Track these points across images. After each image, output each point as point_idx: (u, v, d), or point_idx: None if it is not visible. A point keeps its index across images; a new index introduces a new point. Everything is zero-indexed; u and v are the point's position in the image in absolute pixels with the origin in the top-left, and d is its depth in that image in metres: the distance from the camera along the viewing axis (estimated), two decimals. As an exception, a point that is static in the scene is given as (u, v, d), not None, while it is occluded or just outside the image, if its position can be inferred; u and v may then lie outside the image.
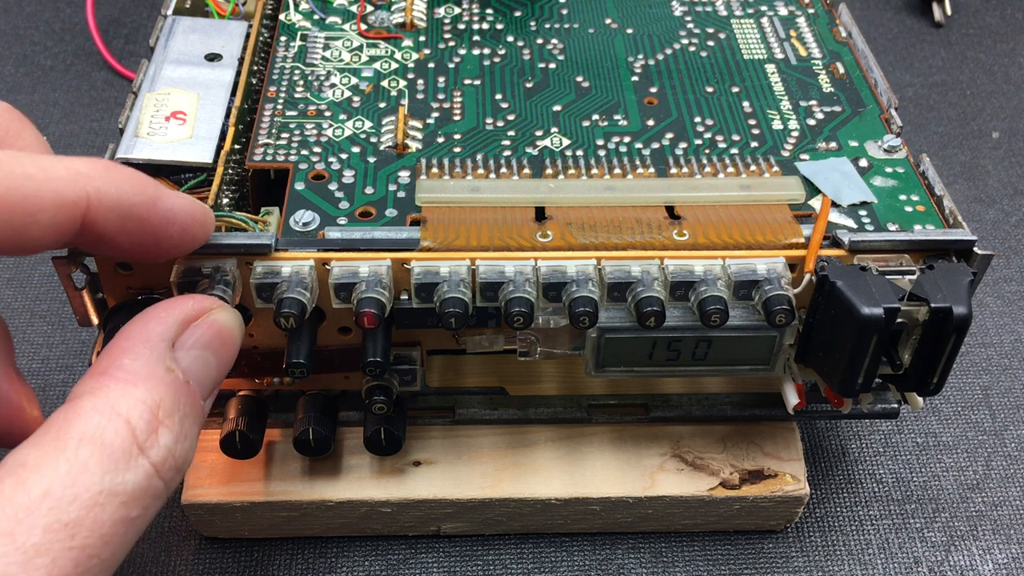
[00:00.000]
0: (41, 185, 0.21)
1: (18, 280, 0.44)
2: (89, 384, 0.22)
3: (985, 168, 0.50)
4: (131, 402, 0.21)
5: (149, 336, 0.23)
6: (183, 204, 0.25)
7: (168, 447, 0.22)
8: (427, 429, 0.35)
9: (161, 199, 0.24)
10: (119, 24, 0.57)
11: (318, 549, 0.35)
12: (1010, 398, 0.40)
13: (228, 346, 0.25)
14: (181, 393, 0.23)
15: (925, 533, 0.36)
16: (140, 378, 0.22)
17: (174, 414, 0.22)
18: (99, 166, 0.23)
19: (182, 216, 0.25)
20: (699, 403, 0.35)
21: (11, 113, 0.26)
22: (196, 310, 0.25)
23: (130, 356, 0.22)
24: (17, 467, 0.20)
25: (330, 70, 0.36)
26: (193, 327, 0.24)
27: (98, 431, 0.21)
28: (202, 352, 0.24)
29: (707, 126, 0.34)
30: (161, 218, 0.24)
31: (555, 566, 0.35)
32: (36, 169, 0.22)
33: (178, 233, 0.25)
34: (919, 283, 0.28)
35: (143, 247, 0.24)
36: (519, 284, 0.28)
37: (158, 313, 0.24)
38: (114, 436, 0.21)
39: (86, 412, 0.21)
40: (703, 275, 0.28)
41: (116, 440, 0.21)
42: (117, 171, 0.23)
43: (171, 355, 0.23)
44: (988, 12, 0.60)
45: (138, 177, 0.24)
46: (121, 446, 0.21)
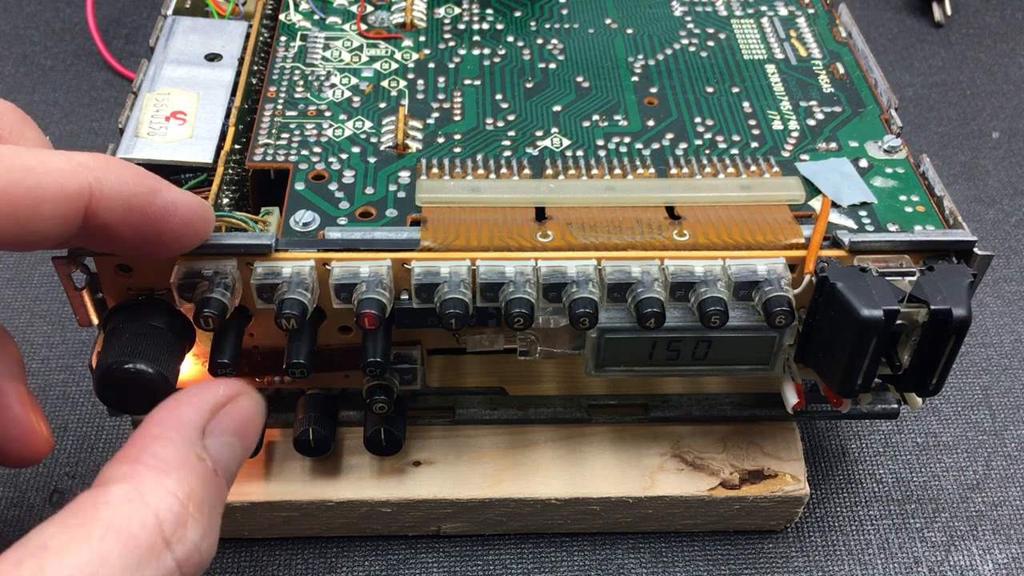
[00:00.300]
0: (43, 177, 0.21)
1: (18, 280, 0.44)
2: (120, 470, 0.21)
3: (985, 168, 0.50)
4: (162, 493, 0.21)
5: (181, 423, 0.23)
6: (184, 198, 0.25)
7: (195, 542, 0.21)
8: (427, 429, 0.35)
9: (161, 191, 0.24)
10: (119, 24, 0.57)
11: (318, 549, 0.35)
12: (1010, 398, 0.40)
13: (253, 432, 0.25)
14: (210, 483, 0.22)
15: (925, 533, 0.36)
16: (172, 467, 0.21)
17: (204, 506, 0.21)
18: (100, 159, 0.23)
19: (183, 209, 0.25)
20: (699, 403, 0.35)
21: (15, 112, 0.26)
22: (226, 396, 0.24)
23: (162, 443, 0.22)
24: (39, 549, 0.19)
25: (330, 70, 0.36)
26: (223, 414, 0.24)
27: (125, 522, 0.20)
28: (230, 439, 0.23)
29: (707, 126, 0.34)
30: (162, 210, 0.24)
31: (555, 566, 0.35)
32: (37, 162, 0.22)
33: (180, 226, 0.25)
34: (919, 284, 0.28)
35: (145, 240, 0.25)
36: (519, 285, 0.28)
37: (190, 399, 0.23)
38: (140, 529, 0.20)
39: (115, 500, 0.20)
40: (703, 276, 0.28)
41: (142, 533, 0.20)
42: (117, 164, 0.23)
43: (202, 443, 0.23)
44: (988, 12, 0.60)
45: (138, 170, 0.24)
46: (147, 540, 0.20)
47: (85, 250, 0.28)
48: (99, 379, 0.27)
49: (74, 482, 0.37)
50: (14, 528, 0.35)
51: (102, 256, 0.28)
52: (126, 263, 0.28)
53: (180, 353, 0.29)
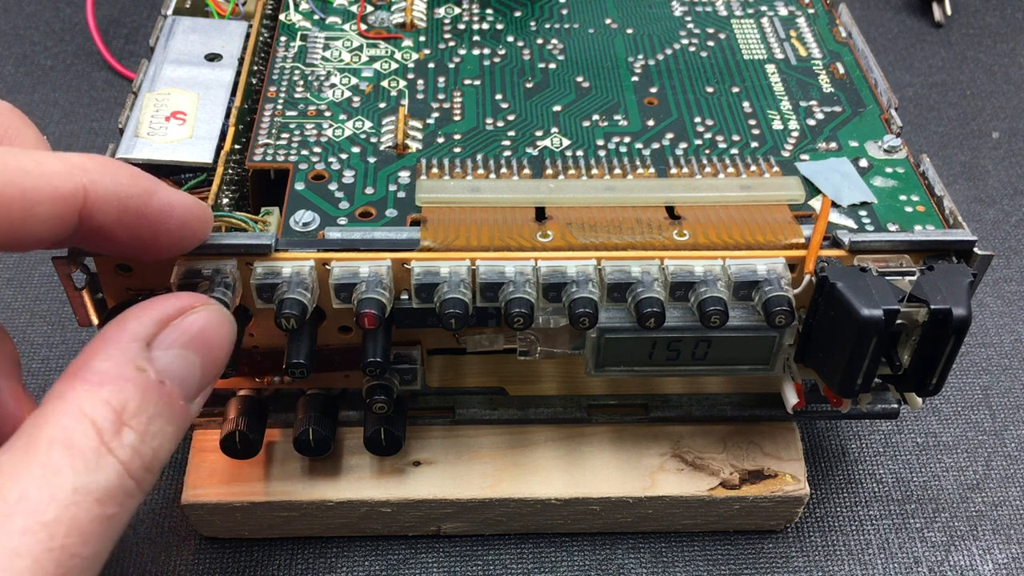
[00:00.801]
0: (38, 179, 0.21)
1: (18, 280, 0.44)
2: (59, 388, 0.22)
3: (985, 168, 0.50)
4: (96, 403, 0.21)
5: (122, 336, 0.23)
6: (181, 199, 0.25)
7: (133, 446, 0.21)
8: (427, 429, 0.35)
9: (158, 192, 0.24)
10: (119, 24, 0.57)
11: (318, 549, 0.35)
12: (1010, 398, 0.40)
13: (215, 344, 0.24)
14: (151, 393, 0.22)
15: (925, 533, 0.36)
16: (108, 379, 0.22)
17: (140, 414, 0.22)
18: (95, 160, 0.23)
19: (180, 210, 0.25)
20: (699, 403, 0.35)
21: (12, 113, 0.26)
22: (177, 308, 0.24)
23: (101, 357, 0.22)
24: None
25: (330, 70, 0.36)
26: (173, 325, 0.24)
27: (67, 433, 0.21)
28: (182, 351, 0.24)
29: (707, 126, 0.34)
30: (158, 211, 0.24)
31: (555, 566, 0.35)
32: (32, 163, 0.22)
33: (176, 227, 0.25)
34: (919, 284, 0.28)
35: (142, 241, 0.24)
36: (519, 285, 0.28)
37: (136, 311, 0.24)
38: (82, 437, 0.21)
39: (55, 415, 0.21)
40: (703, 275, 0.28)
41: (84, 441, 0.21)
42: (113, 165, 0.23)
43: (144, 355, 0.23)
44: (988, 12, 0.60)
45: (134, 171, 0.24)
46: (89, 447, 0.21)
47: (85, 250, 0.28)
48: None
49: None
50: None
51: (102, 256, 0.28)
52: (126, 263, 0.28)
53: (180, 353, 0.29)
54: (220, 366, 0.25)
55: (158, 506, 0.36)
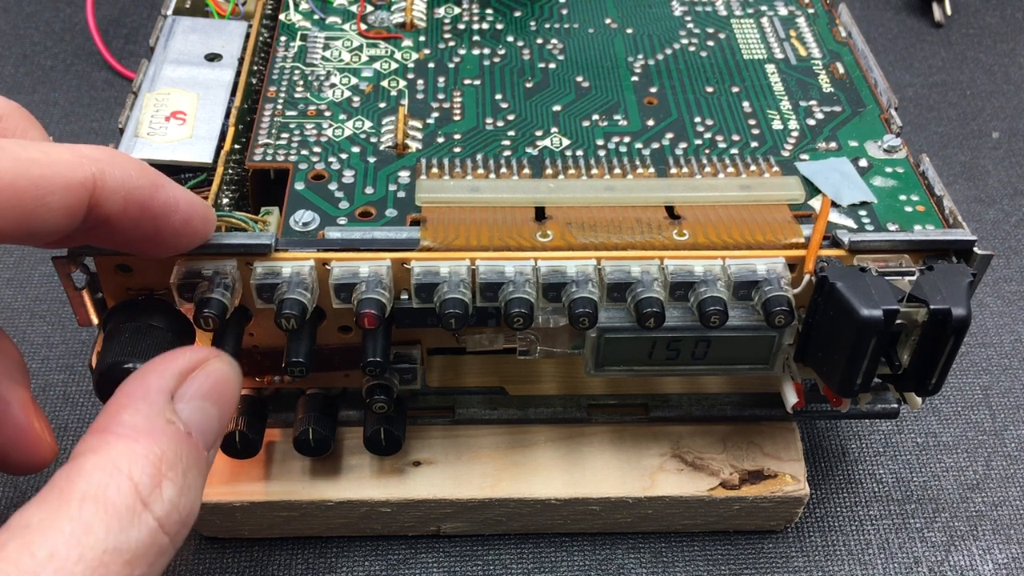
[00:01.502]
0: (48, 168, 0.22)
1: (18, 280, 0.44)
2: (90, 442, 0.22)
3: (985, 168, 0.50)
4: (133, 458, 0.21)
5: (148, 390, 0.23)
6: (186, 196, 0.25)
7: (172, 500, 0.21)
8: (427, 429, 0.35)
9: (164, 187, 0.24)
10: (119, 24, 0.57)
11: (318, 549, 0.35)
12: (1010, 398, 0.40)
13: (228, 395, 0.25)
14: (183, 445, 0.22)
15: (925, 533, 0.36)
16: (141, 433, 0.22)
17: (177, 466, 0.22)
18: (104, 151, 0.23)
19: (184, 207, 0.25)
20: (699, 403, 0.35)
21: (20, 112, 0.26)
22: (193, 361, 0.24)
23: (130, 412, 0.22)
24: (22, 529, 0.20)
25: (330, 70, 0.36)
26: (191, 378, 0.24)
27: (101, 489, 0.20)
28: (202, 403, 0.24)
29: (707, 126, 0.34)
30: (163, 205, 0.24)
31: (555, 566, 0.35)
32: (42, 154, 0.22)
33: (180, 223, 0.25)
34: (918, 284, 0.28)
35: (144, 235, 0.25)
36: (519, 284, 0.28)
37: (155, 367, 0.24)
38: (116, 494, 0.20)
39: (88, 471, 0.21)
40: (703, 275, 0.28)
41: (119, 498, 0.20)
42: (122, 156, 0.24)
43: (171, 407, 0.23)
44: (988, 12, 0.60)
45: (143, 164, 0.24)
46: (124, 503, 0.20)
47: (85, 250, 0.28)
48: (99, 379, 0.27)
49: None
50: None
51: (102, 256, 0.28)
52: (126, 263, 0.28)
53: (180, 353, 0.29)
54: (231, 414, 0.25)
55: (158, 506, 0.36)
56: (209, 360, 0.25)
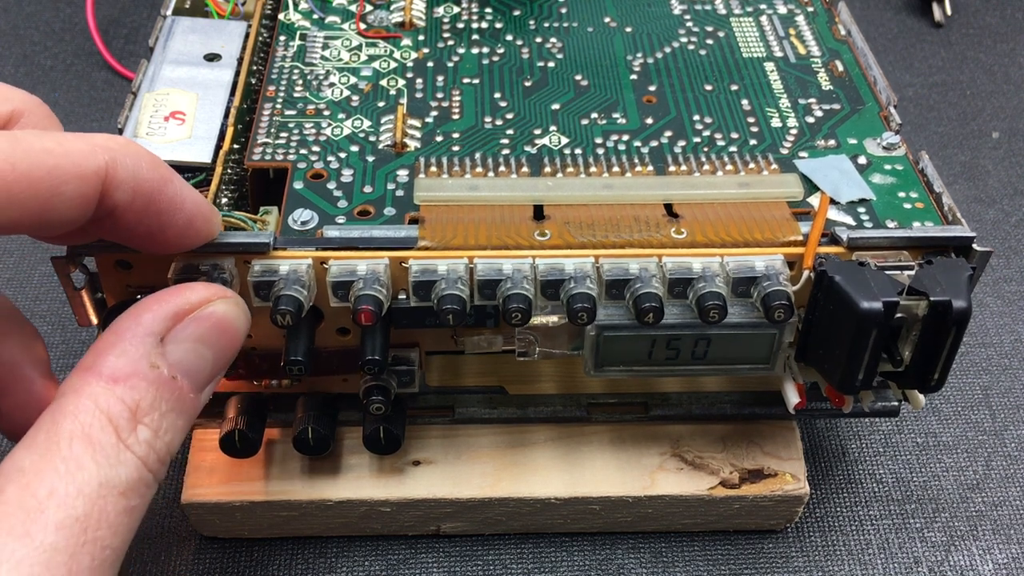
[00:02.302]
0: (63, 158, 0.22)
1: (18, 280, 0.44)
2: (74, 381, 0.22)
3: (985, 168, 0.50)
4: (111, 400, 0.22)
5: (137, 331, 0.23)
6: (193, 195, 0.25)
7: (148, 442, 0.22)
8: (426, 429, 0.35)
9: (172, 183, 0.24)
10: (119, 24, 0.58)
11: (318, 549, 0.35)
12: (1010, 398, 0.40)
13: (228, 338, 0.25)
14: (164, 389, 0.23)
15: (925, 533, 0.36)
16: (122, 376, 0.22)
17: (153, 412, 0.22)
18: (118, 140, 0.23)
19: (190, 205, 0.25)
20: (699, 402, 0.35)
21: (41, 109, 0.27)
22: (192, 302, 0.24)
23: (115, 353, 0.23)
24: (16, 472, 0.20)
25: (329, 69, 0.36)
26: (188, 320, 0.24)
27: (86, 428, 0.21)
28: (195, 345, 0.24)
29: (706, 124, 0.34)
30: (169, 200, 0.24)
31: (555, 566, 0.35)
32: (56, 143, 0.22)
33: (183, 221, 0.25)
34: (918, 277, 0.28)
35: (148, 229, 0.25)
36: (517, 281, 0.28)
37: (152, 304, 0.24)
38: (100, 432, 0.21)
39: (72, 411, 0.21)
40: (701, 272, 0.28)
41: (103, 436, 0.21)
42: (135, 147, 0.24)
43: (158, 350, 0.23)
44: (988, 12, 0.60)
45: (155, 158, 0.24)
46: (108, 441, 0.21)
47: (84, 250, 0.28)
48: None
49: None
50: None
51: (102, 253, 0.28)
52: (126, 259, 0.28)
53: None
54: (231, 357, 0.25)
55: (158, 506, 0.36)
56: (211, 300, 0.25)
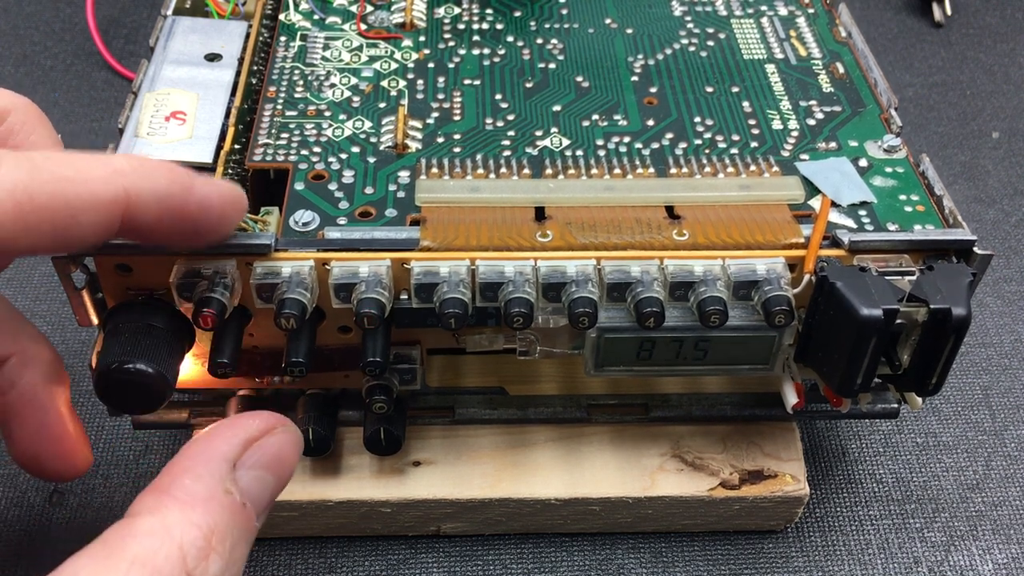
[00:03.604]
0: (81, 187, 0.22)
1: (18, 280, 0.44)
2: (148, 502, 0.22)
3: (985, 168, 0.50)
4: (186, 526, 0.21)
5: (212, 456, 0.23)
6: (218, 190, 0.25)
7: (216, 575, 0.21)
8: (427, 429, 0.35)
9: (195, 188, 0.25)
10: (119, 24, 0.57)
11: (318, 549, 0.35)
12: (1010, 398, 0.40)
13: (287, 466, 0.25)
14: (237, 517, 0.22)
15: (925, 533, 0.36)
16: (199, 501, 0.22)
17: (226, 540, 0.22)
18: (134, 162, 0.23)
19: (217, 202, 0.25)
20: (699, 403, 0.35)
21: (31, 109, 0.26)
22: (261, 429, 0.24)
23: (192, 477, 0.22)
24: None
25: (330, 70, 0.36)
26: (255, 447, 0.24)
27: (151, 554, 0.20)
28: (262, 473, 0.24)
29: (707, 126, 0.34)
30: (197, 206, 0.25)
31: (555, 566, 0.35)
32: (74, 172, 0.22)
33: (216, 219, 0.25)
34: (918, 284, 0.28)
35: (182, 234, 0.25)
36: (519, 284, 0.28)
37: (223, 432, 0.24)
38: (165, 562, 0.20)
39: (142, 533, 0.21)
40: (703, 275, 0.28)
41: (166, 566, 0.20)
42: (151, 165, 0.24)
43: (232, 477, 0.23)
44: (988, 12, 0.60)
45: (172, 170, 0.24)
46: (170, 572, 0.20)
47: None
48: (99, 379, 0.27)
49: (74, 482, 0.37)
50: (14, 528, 0.35)
51: (102, 255, 0.28)
52: (126, 263, 0.28)
53: (180, 353, 0.29)
54: (286, 484, 0.25)
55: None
56: (276, 428, 0.25)
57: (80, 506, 0.36)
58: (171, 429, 0.36)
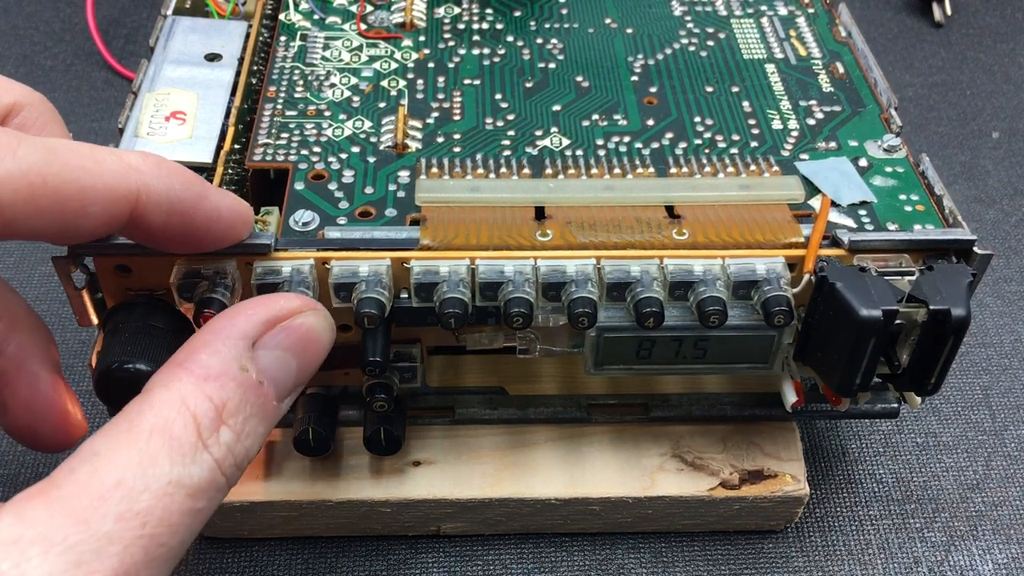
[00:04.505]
0: (95, 178, 0.22)
1: (18, 280, 0.44)
2: (164, 375, 0.22)
3: (985, 168, 0.50)
4: (199, 398, 0.22)
5: (231, 333, 0.23)
6: (227, 202, 0.26)
7: (228, 445, 0.22)
8: (427, 429, 0.35)
9: (207, 197, 0.25)
10: (119, 24, 0.57)
11: (318, 549, 0.35)
12: (1010, 398, 0.40)
13: (313, 350, 0.25)
14: (250, 393, 0.23)
15: (925, 533, 0.36)
16: (213, 374, 0.22)
17: (238, 414, 0.22)
18: (150, 161, 0.23)
19: (227, 215, 0.26)
20: (699, 403, 0.35)
21: (44, 105, 0.27)
22: (285, 310, 0.25)
23: (208, 351, 0.23)
24: (91, 456, 0.20)
25: (330, 70, 0.36)
26: (279, 328, 0.24)
27: (167, 423, 0.21)
28: (283, 354, 0.24)
29: (707, 126, 0.34)
30: (205, 216, 0.25)
31: (555, 566, 0.35)
32: (91, 162, 0.22)
33: (222, 230, 0.26)
34: (918, 284, 0.28)
35: (185, 240, 0.25)
36: (518, 284, 0.28)
37: (247, 309, 0.24)
38: (182, 430, 0.21)
39: (157, 404, 0.21)
40: (702, 275, 0.28)
41: (184, 434, 0.21)
42: (167, 167, 0.24)
43: (249, 354, 0.23)
44: (988, 12, 0.60)
45: (187, 175, 0.24)
46: (188, 439, 0.21)
47: (85, 250, 0.28)
48: (99, 379, 0.27)
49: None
50: (14, 528, 0.35)
51: (102, 256, 0.28)
52: (125, 263, 0.28)
53: (180, 353, 0.29)
54: (315, 369, 0.26)
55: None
56: (303, 311, 0.25)
57: (80, 506, 0.36)
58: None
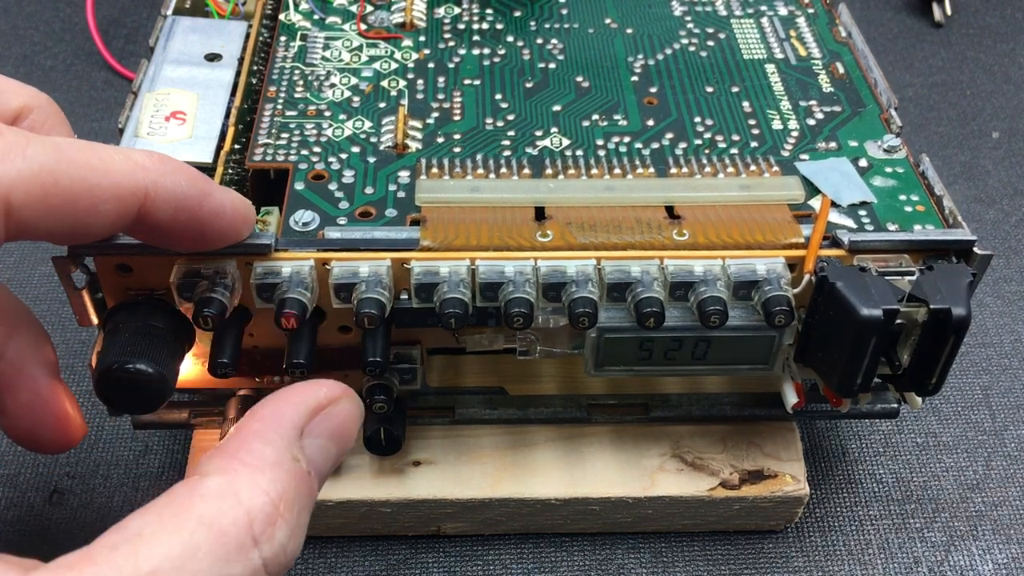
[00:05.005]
0: (104, 177, 0.22)
1: (18, 280, 0.44)
2: (218, 463, 0.21)
3: (985, 168, 0.50)
4: (255, 491, 0.21)
5: (282, 422, 0.23)
6: (231, 201, 0.26)
7: (282, 543, 0.21)
8: (427, 429, 0.35)
9: (212, 195, 0.25)
10: (119, 24, 0.57)
11: (318, 549, 0.35)
12: (1010, 398, 0.40)
13: (349, 436, 0.25)
14: (303, 484, 0.22)
15: (925, 533, 0.36)
16: (268, 466, 0.22)
17: (293, 507, 0.22)
18: (156, 160, 0.24)
19: (230, 212, 0.26)
20: (699, 403, 0.35)
21: (51, 106, 0.27)
22: (329, 397, 0.24)
23: (261, 441, 0.22)
24: (135, 536, 0.20)
25: (330, 70, 0.36)
26: (323, 415, 0.24)
27: (217, 517, 0.20)
28: (326, 442, 0.24)
29: (707, 126, 0.34)
30: (211, 213, 0.25)
31: (555, 566, 0.35)
32: (99, 161, 0.22)
33: (226, 227, 0.26)
34: (918, 284, 0.28)
35: (190, 238, 0.25)
36: (519, 284, 0.28)
37: (293, 398, 0.24)
38: (231, 526, 0.20)
39: (209, 494, 0.21)
40: (703, 275, 0.28)
41: (233, 530, 0.20)
42: (173, 165, 0.24)
43: (299, 444, 0.23)
44: (988, 12, 0.60)
45: (192, 172, 0.24)
46: (236, 537, 0.20)
47: (85, 250, 0.28)
48: (99, 379, 0.27)
49: (74, 482, 0.37)
50: (14, 528, 0.35)
51: (102, 256, 0.28)
52: (126, 263, 0.28)
53: (180, 353, 0.29)
54: (345, 455, 0.25)
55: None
56: (341, 398, 0.25)
57: (80, 506, 0.36)
58: (171, 429, 0.36)
